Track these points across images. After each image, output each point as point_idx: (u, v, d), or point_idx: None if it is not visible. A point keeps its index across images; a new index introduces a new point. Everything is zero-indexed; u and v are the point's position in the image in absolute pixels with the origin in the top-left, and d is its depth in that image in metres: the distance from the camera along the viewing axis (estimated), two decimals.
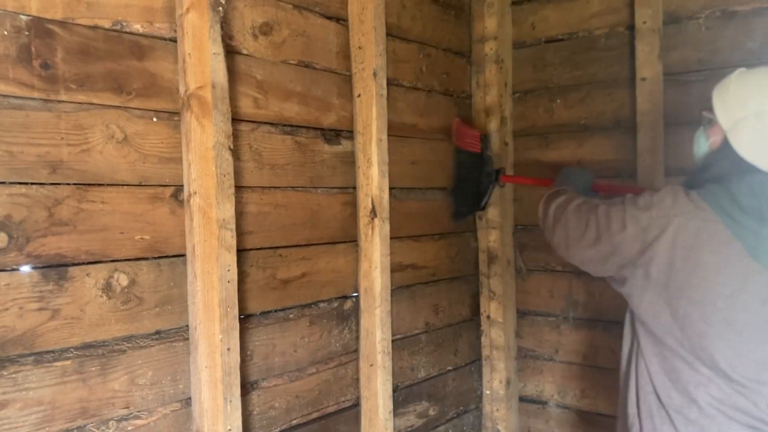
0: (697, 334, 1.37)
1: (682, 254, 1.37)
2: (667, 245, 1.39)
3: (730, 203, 1.33)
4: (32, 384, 1.25)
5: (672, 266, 1.38)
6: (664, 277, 1.40)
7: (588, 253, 1.57)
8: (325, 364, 1.90)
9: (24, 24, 1.24)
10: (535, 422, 2.64)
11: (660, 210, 1.41)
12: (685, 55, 2.20)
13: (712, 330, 1.35)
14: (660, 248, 1.39)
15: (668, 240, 1.38)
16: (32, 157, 1.25)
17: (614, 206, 1.51)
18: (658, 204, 1.42)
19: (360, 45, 1.94)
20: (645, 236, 1.42)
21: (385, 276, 1.98)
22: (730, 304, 1.33)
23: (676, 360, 1.43)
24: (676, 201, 1.40)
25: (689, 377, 1.41)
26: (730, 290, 1.33)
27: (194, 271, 1.48)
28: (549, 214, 1.72)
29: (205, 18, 1.45)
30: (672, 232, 1.38)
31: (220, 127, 1.47)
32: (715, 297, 1.34)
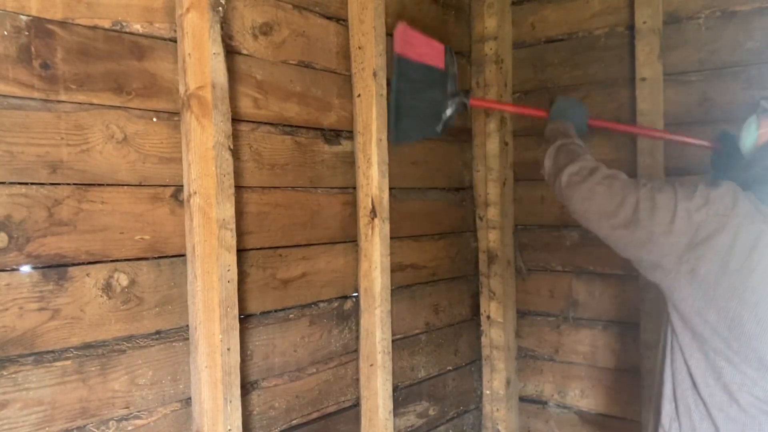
0: (747, 336, 1.35)
1: (741, 257, 1.33)
2: (723, 246, 1.35)
3: None
4: (32, 384, 1.25)
5: (726, 267, 1.35)
6: (714, 277, 1.36)
7: (617, 233, 1.49)
8: (325, 364, 1.90)
9: (24, 24, 1.24)
10: (535, 422, 2.64)
11: (719, 208, 1.36)
12: (685, 55, 2.20)
13: (764, 333, 1.33)
14: (715, 248, 1.36)
15: (726, 241, 1.35)
16: (32, 157, 1.25)
17: (662, 192, 1.43)
18: (716, 201, 1.37)
19: (360, 45, 1.94)
20: (697, 232, 1.37)
21: (385, 276, 1.98)
22: None
23: (719, 359, 1.40)
24: (737, 202, 1.36)
25: (732, 377, 1.39)
26: None
27: (194, 271, 1.48)
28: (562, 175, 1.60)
29: (205, 18, 1.45)
30: (731, 234, 1.34)
31: (220, 127, 1.47)
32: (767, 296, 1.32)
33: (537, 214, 2.58)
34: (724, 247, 1.34)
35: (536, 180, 2.57)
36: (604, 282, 2.41)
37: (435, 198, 2.38)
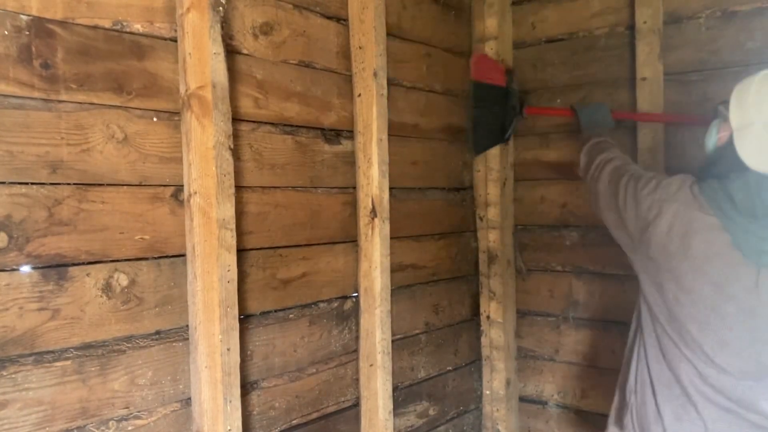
0: (684, 317, 1.46)
1: (677, 240, 1.45)
2: (664, 229, 1.47)
3: (726, 200, 1.39)
4: (32, 384, 1.25)
5: (666, 250, 1.47)
6: (660, 259, 1.49)
7: (609, 218, 1.67)
8: (325, 364, 1.90)
9: (24, 24, 1.24)
10: (535, 422, 2.64)
11: (663, 194, 1.50)
12: (686, 55, 2.20)
13: (698, 315, 1.44)
14: (657, 231, 1.48)
15: (665, 224, 1.47)
16: (32, 157, 1.25)
17: (633, 182, 1.59)
18: (664, 188, 1.51)
19: (360, 45, 1.94)
20: (647, 216, 1.51)
21: (385, 276, 1.98)
22: (716, 293, 1.40)
23: (664, 338, 1.52)
24: (680, 189, 1.48)
25: (673, 356, 1.50)
26: (716, 279, 1.40)
27: (194, 271, 1.48)
28: (590, 170, 1.80)
29: (205, 18, 1.45)
30: (669, 217, 1.46)
31: (221, 126, 1.47)
32: (702, 284, 1.42)
33: (537, 214, 2.58)
34: (663, 230, 1.47)
35: (536, 180, 2.57)
36: (604, 282, 2.41)
37: (435, 198, 2.38)
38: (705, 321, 1.43)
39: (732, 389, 1.42)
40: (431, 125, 2.34)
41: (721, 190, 1.40)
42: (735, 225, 1.38)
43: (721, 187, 1.41)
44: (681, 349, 1.48)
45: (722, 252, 1.39)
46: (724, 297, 1.40)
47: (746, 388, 1.41)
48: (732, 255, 1.38)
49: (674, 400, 1.50)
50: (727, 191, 1.39)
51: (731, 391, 1.43)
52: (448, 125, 2.43)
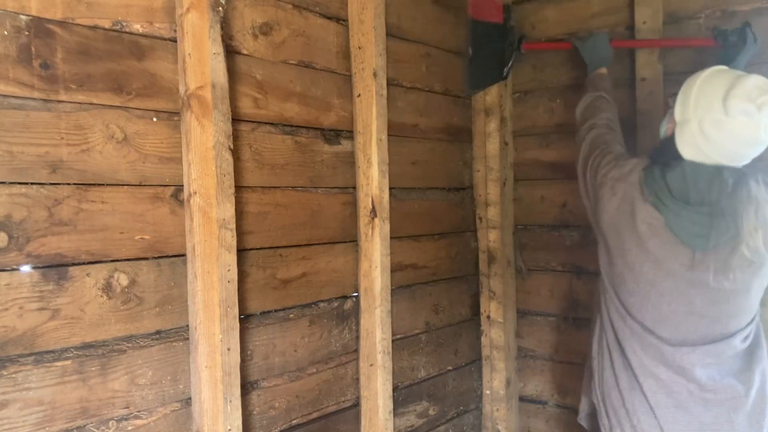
0: (628, 292, 1.59)
1: (624, 218, 1.57)
2: (613, 206, 1.60)
3: (663, 187, 1.53)
4: (32, 384, 1.25)
5: (614, 226, 1.60)
6: (609, 234, 1.63)
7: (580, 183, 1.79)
8: (325, 364, 1.90)
9: (24, 24, 1.24)
10: (535, 422, 2.64)
11: (617, 173, 1.62)
12: (685, 55, 2.20)
13: (639, 290, 1.56)
14: (608, 207, 1.62)
15: (615, 202, 1.60)
16: (32, 157, 1.25)
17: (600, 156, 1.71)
18: (619, 168, 1.63)
19: (360, 45, 1.94)
20: (598, 192, 1.65)
21: (385, 276, 1.98)
22: (656, 269, 1.54)
23: (611, 310, 1.64)
24: (632, 171, 1.59)
25: (618, 329, 1.62)
26: (656, 257, 1.54)
27: (194, 271, 1.48)
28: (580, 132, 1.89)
29: (205, 18, 1.45)
30: (619, 196, 1.59)
31: (220, 127, 1.47)
32: (643, 261, 1.55)
33: (537, 214, 2.58)
34: (613, 207, 1.60)
35: (536, 180, 2.57)
36: None
37: (435, 198, 2.38)
38: (645, 296, 1.55)
39: (671, 357, 1.54)
40: (431, 125, 2.34)
41: (661, 178, 1.54)
42: (669, 210, 1.51)
43: (660, 175, 1.54)
44: (625, 320, 1.60)
45: (660, 233, 1.52)
46: (663, 274, 1.53)
47: (683, 355, 1.53)
48: (668, 236, 1.52)
49: (624, 372, 1.61)
50: (665, 179, 1.53)
51: (671, 360, 1.54)
52: (448, 125, 2.43)
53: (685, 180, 1.51)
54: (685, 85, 1.58)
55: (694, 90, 1.54)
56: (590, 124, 1.85)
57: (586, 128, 1.85)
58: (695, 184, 1.50)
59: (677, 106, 1.58)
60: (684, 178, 1.51)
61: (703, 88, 1.53)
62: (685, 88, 1.58)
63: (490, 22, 2.43)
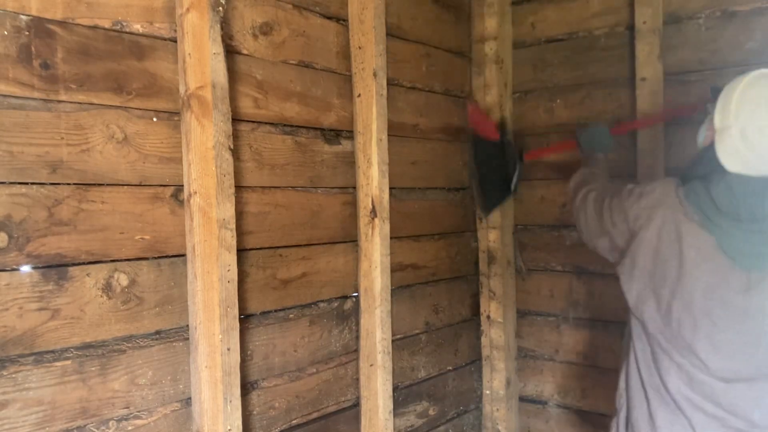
0: (677, 323, 1.45)
1: (668, 245, 1.45)
2: (653, 234, 1.47)
3: (709, 203, 1.40)
4: (32, 384, 1.25)
5: (658, 255, 1.47)
6: (651, 266, 1.48)
7: (600, 244, 1.67)
8: (325, 364, 1.90)
9: (24, 24, 1.24)
10: (535, 422, 2.64)
11: (648, 200, 1.50)
12: (685, 55, 2.20)
13: (691, 321, 1.43)
14: (646, 237, 1.48)
15: (654, 229, 1.47)
16: (32, 157, 1.25)
17: (616, 199, 1.59)
18: (647, 194, 1.51)
19: (360, 45, 1.94)
20: (633, 225, 1.52)
21: (385, 276, 1.98)
22: (708, 297, 1.40)
23: (656, 346, 1.51)
24: (665, 194, 1.48)
25: (661, 362, 1.50)
26: (707, 283, 1.40)
27: (194, 271, 1.48)
28: (576, 202, 1.81)
29: (205, 18, 1.45)
30: (658, 222, 1.46)
31: (220, 127, 1.47)
32: (693, 289, 1.42)
33: (537, 214, 2.58)
34: (653, 238, 1.47)
35: (536, 180, 2.57)
36: (604, 282, 2.41)
37: (435, 198, 2.38)
38: (698, 326, 1.42)
39: (723, 394, 1.42)
40: (431, 125, 2.34)
41: (705, 194, 1.40)
42: (719, 229, 1.38)
43: (704, 190, 1.41)
44: (672, 357, 1.47)
45: (711, 256, 1.39)
46: (716, 301, 1.40)
47: (738, 393, 1.41)
48: (720, 258, 1.38)
49: (665, 407, 1.50)
50: (710, 194, 1.39)
51: (722, 397, 1.42)
52: (447, 125, 2.43)
53: (734, 195, 1.37)
54: (725, 89, 1.45)
55: (735, 95, 1.41)
56: (586, 190, 1.78)
57: (583, 194, 1.78)
58: (744, 199, 1.36)
59: (717, 112, 1.44)
60: (731, 193, 1.37)
61: (746, 93, 1.40)
62: (725, 92, 1.44)
63: (489, 140, 2.45)
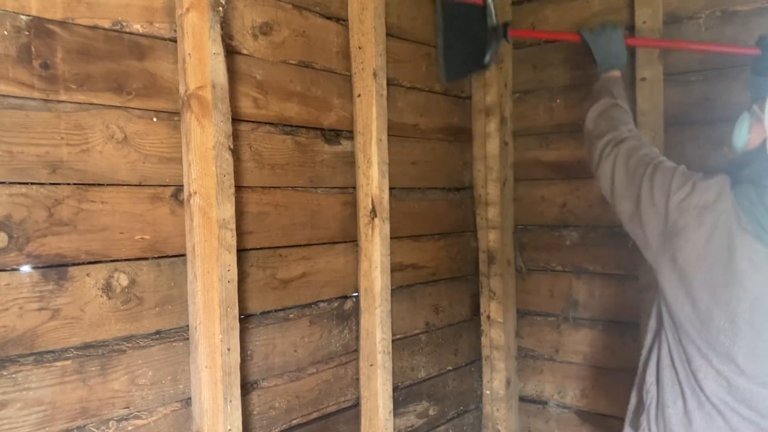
0: (716, 330, 1.38)
1: (718, 253, 1.35)
2: (701, 238, 1.36)
3: (763, 212, 1.31)
4: (32, 384, 1.25)
5: (703, 261, 1.37)
6: (691, 268, 1.38)
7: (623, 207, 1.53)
8: (325, 364, 1.90)
9: (24, 24, 1.24)
10: (535, 422, 2.64)
11: (701, 199, 1.38)
12: (685, 55, 2.19)
13: (733, 328, 1.36)
14: (693, 239, 1.37)
15: (704, 233, 1.36)
16: (32, 157, 1.25)
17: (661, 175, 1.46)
18: (701, 192, 1.38)
19: (360, 45, 1.94)
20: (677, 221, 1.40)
21: (385, 276, 1.98)
22: (755, 307, 1.34)
23: (689, 346, 1.44)
24: (721, 197, 1.36)
25: (698, 365, 1.42)
26: (756, 294, 1.33)
27: (194, 271, 1.48)
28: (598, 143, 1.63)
29: (205, 18, 1.45)
30: (709, 227, 1.36)
31: (220, 127, 1.47)
32: (740, 299, 1.34)
33: (537, 214, 2.58)
34: (701, 240, 1.36)
35: (536, 180, 2.57)
36: (604, 282, 2.41)
37: (435, 198, 2.38)
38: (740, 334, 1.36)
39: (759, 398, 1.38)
40: (431, 125, 2.34)
41: (759, 202, 1.33)
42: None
43: (758, 198, 1.33)
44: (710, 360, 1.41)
45: (762, 267, 1.33)
46: (763, 312, 1.34)
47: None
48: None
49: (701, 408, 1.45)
50: (764, 203, 1.32)
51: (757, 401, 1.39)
52: (448, 125, 2.43)
53: None
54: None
55: None
56: (614, 137, 1.61)
57: (611, 142, 1.61)
58: None
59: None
60: None
61: None
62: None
63: (467, 2, 2.17)
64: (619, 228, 2.35)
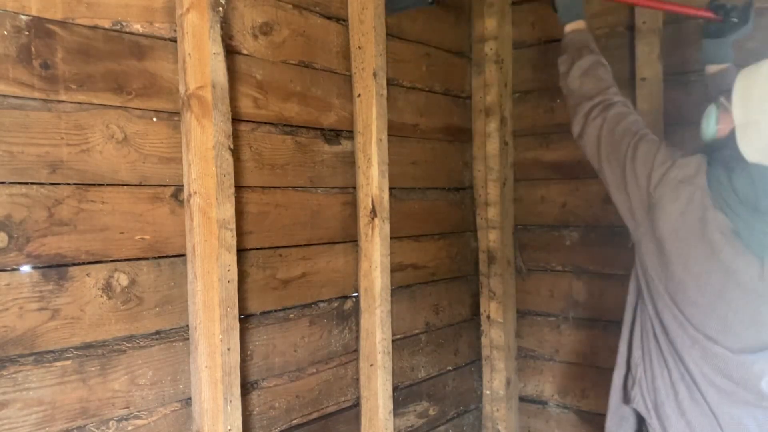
0: (689, 301, 1.45)
1: (690, 225, 1.42)
2: (675, 212, 1.44)
3: (730, 192, 1.38)
4: (32, 384, 1.25)
5: (677, 233, 1.44)
6: (667, 239, 1.46)
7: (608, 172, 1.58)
8: (325, 364, 1.90)
9: (24, 24, 1.24)
10: (535, 422, 2.64)
11: (680, 173, 1.45)
12: (685, 55, 2.19)
13: (704, 300, 1.43)
14: (669, 211, 1.45)
15: (678, 207, 1.43)
16: (32, 157, 1.25)
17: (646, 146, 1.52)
18: (680, 168, 1.45)
19: (360, 45, 1.94)
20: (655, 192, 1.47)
21: (385, 276, 1.98)
22: (725, 280, 1.40)
23: (667, 316, 1.50)
24: (698, 174, 1.43)
25: (675, 335, 1.49)
26: (726, 267, 1.40)
27: (194, 271, 1.48)
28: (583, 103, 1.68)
29: (205, 18, 1.45)
30: (684, 201, 1.43)
31: (220, 127, 1.47)
32: (712, 271, 1.41)
33: (537, 214, 2.58)
34: (675, 212, 1.44)
35: (536, 180, 2.57)
36: (604, 282, 2.41)
37: (435, 198, 2.38)
38: (711, 306, 1.43)
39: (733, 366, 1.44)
40: (431, 125, 2.34)
41: (727, 183, 1.39)
42: (737, 217, 1.38)
43: (727, 180, 1.39)
44: (686, 330, 1.47)
45: (732, 242, 1.39)
46: (732, 284, 1.40)
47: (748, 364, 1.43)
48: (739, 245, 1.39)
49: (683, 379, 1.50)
50: (732, 185, 1.38)
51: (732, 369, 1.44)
52: (448, 125, 2.43)
53: (755, 186, 1.36)
54: (741, 81, 1.42)
55: (757, 88, 1.38)
56: (603, 100, 1.64)
57: (598, 105, 1.63)
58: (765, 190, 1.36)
59: (736, 107, 1.41)
60: (753, 184, 1.36)
61: None
62: (743, 84, 1.41)
63: None
64: (619, 228, 2.36)
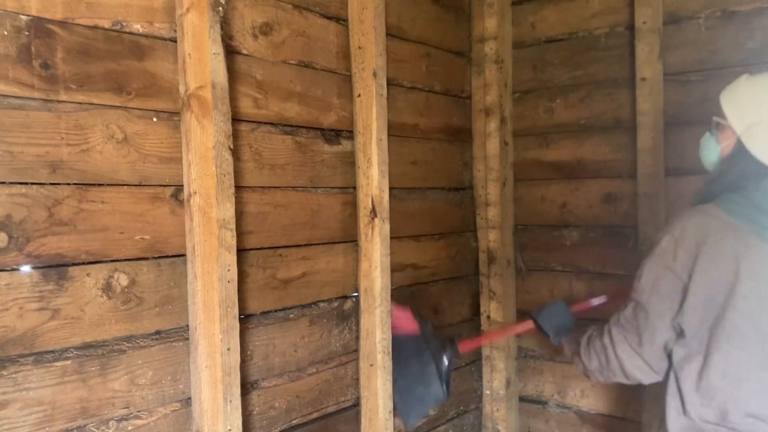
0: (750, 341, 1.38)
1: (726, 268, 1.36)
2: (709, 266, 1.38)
3: (754, 210, 1.35)
4: (32, 384, 1.25)
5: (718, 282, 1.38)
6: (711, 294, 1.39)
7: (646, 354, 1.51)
8: (325, 364, 1.90)
9: (24, 24, 1.24)
10: (535, 422, 2.64)
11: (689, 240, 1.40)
12: (685, 55, 2.20)
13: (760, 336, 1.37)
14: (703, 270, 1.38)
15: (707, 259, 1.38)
16: (32, 157, 1.25)
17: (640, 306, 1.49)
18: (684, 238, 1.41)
19: (360, 45, 1.94)
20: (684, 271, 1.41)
21: (385, 276, 1.98)
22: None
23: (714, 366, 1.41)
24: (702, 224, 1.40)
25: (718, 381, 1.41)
26: None
27: (194, 271, 1.48)
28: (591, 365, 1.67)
29: (205, 18, 1.45)
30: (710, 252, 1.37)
31: (220, 127, 1.47)
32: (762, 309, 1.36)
33: (537, 214, 2.58)
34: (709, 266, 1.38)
35: (536, 180, 2.57)
36: (604, 282, 2.41)
37: (435, 198, 2.38)
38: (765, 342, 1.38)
39: None
40: (431, 125, 2.34)
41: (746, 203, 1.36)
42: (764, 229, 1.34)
43: (744, 199, 1.37)
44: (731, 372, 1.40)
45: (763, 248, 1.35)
46: None
47: None
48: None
49: None
50: (752, 201, 1.35)
51: None
52: (447, 125, 2.43)
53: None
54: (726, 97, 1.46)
55: (743, 94, 1.42)
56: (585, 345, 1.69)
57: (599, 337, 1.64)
58: None
59: (732, 117, 1.43)
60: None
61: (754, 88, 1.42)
62: (729, 98, 1.45)
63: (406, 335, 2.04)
64: (619, 228, 2.36)
